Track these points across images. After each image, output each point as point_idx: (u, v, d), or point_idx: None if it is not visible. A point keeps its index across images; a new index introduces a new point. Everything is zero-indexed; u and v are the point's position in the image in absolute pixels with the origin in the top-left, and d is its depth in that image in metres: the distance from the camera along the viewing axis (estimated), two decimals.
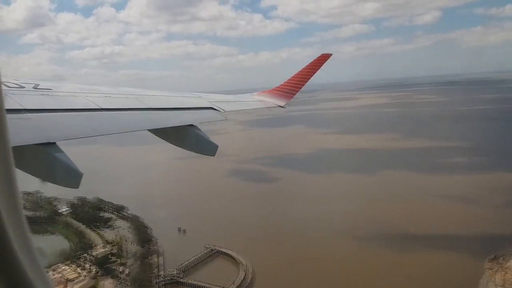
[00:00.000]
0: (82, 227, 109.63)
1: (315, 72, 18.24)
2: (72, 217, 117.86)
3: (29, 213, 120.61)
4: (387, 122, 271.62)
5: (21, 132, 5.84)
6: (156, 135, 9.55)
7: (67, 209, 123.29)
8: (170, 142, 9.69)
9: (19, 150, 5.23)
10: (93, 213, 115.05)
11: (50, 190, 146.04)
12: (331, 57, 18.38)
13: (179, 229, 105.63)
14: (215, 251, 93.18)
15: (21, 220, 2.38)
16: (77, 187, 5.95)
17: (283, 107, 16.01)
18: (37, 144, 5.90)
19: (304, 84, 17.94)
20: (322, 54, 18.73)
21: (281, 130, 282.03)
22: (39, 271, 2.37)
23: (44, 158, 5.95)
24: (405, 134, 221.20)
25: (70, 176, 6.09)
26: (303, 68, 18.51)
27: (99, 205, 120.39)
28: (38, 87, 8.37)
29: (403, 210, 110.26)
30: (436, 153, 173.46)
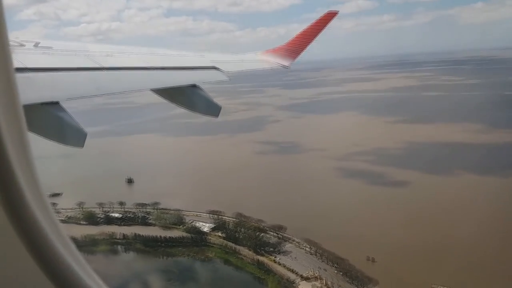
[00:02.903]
0: (249, 253, 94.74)
1: (321, 31, 17.43)
2: (221, 237, 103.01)
3: (170, 233, 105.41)
4: (449, 109, 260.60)
5: (23, 92, 5.28)
6: (159, 95, 9.54)
7: (209, 225, 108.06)
8: (173, 103, 9.71)
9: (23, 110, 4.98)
10: (252, 234, 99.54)
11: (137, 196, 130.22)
12: (329, 31, 17.69)
13: (368, 258, 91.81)
14: None
15: (35, 178, 2.37)
16: (82, 147, 6.29)
17: (287, 67, 15.88)
18: (41, 104, 5.95)
19: (309, 44, 17.23)
20: (327, 12, 17.95)
21: (336, 117, 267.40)
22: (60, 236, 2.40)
23: (48, 118, 6.04)
24: (485, 125, 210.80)
25: (75, 135, 6.30)
26: (308, 27, 17.73)
27: (256, 225, 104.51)
28: (39, 45, 8.15)
29: None
30: None
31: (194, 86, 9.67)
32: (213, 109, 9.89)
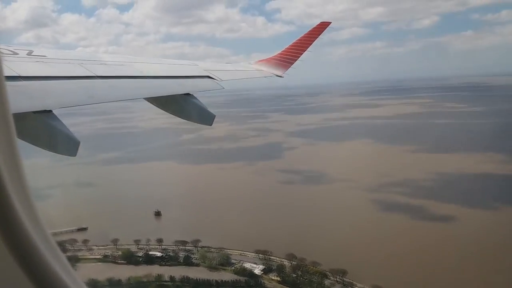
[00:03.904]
0: None
1: (314, 41, 17.29)
2: (276, 281, 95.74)
3: (218, 275, 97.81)
4: (465, 138, 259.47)
5: (16, 100, 5.50)
6: (153, 104, 9.65)
7: (259, 267, 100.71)
8: (167, 112, 9.78)
9: (15, 118, 4.91)
10: (313, 279, 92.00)
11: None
12: (324, 57, 14.60)
13: None
14: None
15: (25, 190, 2.38)
16: (75, 155, 6.08)
17: (281, 77, 15.64)
18: (34, 112, 5.85)
19: (302, 54, 17.01)
20: (321, 22, 17.88)
21: (352, 145, 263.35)
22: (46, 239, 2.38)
23: (41, 126, 5.94)
24: (508, 155, 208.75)
25: (67, 144, 6.18)
26: (302, 37, 17.69)
27: (317, 269, 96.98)
28: (32, 54, 8.13)
29: None
30: None
31: (188, 94, 9.56)
32: (207, 118, 9.73)
